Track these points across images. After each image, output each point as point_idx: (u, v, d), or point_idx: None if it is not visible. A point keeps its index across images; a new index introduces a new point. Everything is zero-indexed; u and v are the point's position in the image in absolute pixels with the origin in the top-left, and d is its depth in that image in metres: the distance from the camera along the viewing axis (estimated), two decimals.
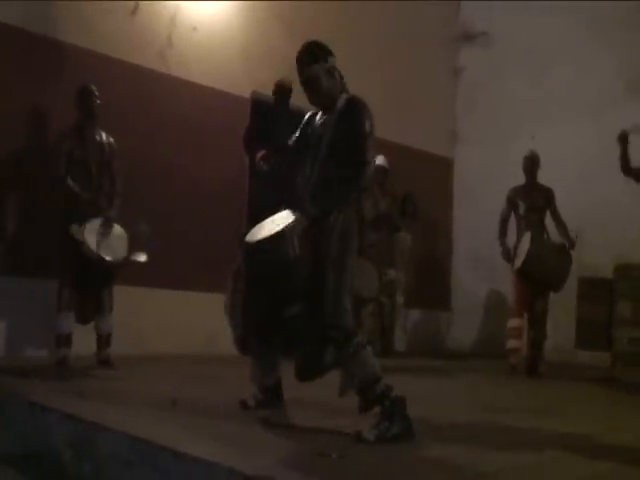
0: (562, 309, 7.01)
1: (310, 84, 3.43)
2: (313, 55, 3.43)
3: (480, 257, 8.52)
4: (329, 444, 2.89)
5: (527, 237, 6.69)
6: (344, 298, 3.21)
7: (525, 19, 9.21)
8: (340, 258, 3.26)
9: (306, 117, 3.65)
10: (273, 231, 3.21)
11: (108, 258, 5.32)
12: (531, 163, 7.04)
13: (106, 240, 5.37)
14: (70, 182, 5.43)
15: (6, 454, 3.49)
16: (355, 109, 3.38)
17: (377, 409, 3.16)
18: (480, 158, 9.51)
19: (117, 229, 5.51)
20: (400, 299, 8.32)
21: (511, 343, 6.87)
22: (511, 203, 7.09)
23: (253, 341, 3.75)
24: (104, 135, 5.68)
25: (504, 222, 7.10)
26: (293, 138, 3.65)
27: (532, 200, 7.00)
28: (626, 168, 6.27)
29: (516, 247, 6.87)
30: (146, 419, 3.35)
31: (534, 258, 6.50)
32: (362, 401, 3.18)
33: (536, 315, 6.77)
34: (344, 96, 3.47)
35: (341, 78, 3.48)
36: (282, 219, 3.30)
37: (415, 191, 8.40)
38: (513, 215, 7.10)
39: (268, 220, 3.41)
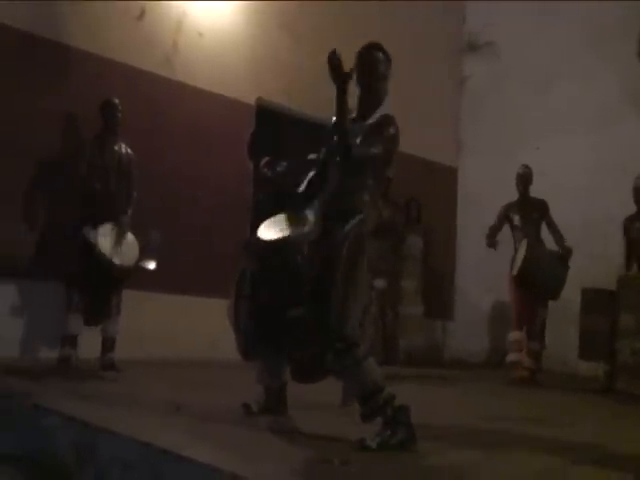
0: (566, 320, 7.00)
1: (375, 71, 3.54)
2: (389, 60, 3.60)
3: (484, 267, 8.52)
4: (332, 451, 2.88)
5: (523, 244, 6.74)
6: (350, 309, 3.13)
7: (530, 30, 9.24)
8: (349, 268, 3.18)
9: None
10: (286, 232, 3.21)
11: (117, 262, 5.40)
12: (524, 179, 7.08)
13: (118, 245, 5.48)
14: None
15: (9, 455, 3.49)
16: (386, 125, 3.46)
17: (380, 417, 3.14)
18: (484, 167, 9.51)
19: (129, 236, 5.60)
20: (419, 309, 8.36)
21: (512, 356, 6.88)
22: (502, 219, 7.13)
23: (259, 342, 3.73)
24: (124, 147, 5.85)
25: (493, 233, 7.07)
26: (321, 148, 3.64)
27: (526, 215, 7.03)
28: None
29: (513, 257, 6.87)
30: (149, 423, 3.35)
31: (531, 264, 6.53)
32: (364, 410, 3.15)
33: (536, 326, 6.78)
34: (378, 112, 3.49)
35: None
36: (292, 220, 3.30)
37: (419, 200, 8.42)
38: (509, 229, 7.12)
39: (277, 218, 3.38)
